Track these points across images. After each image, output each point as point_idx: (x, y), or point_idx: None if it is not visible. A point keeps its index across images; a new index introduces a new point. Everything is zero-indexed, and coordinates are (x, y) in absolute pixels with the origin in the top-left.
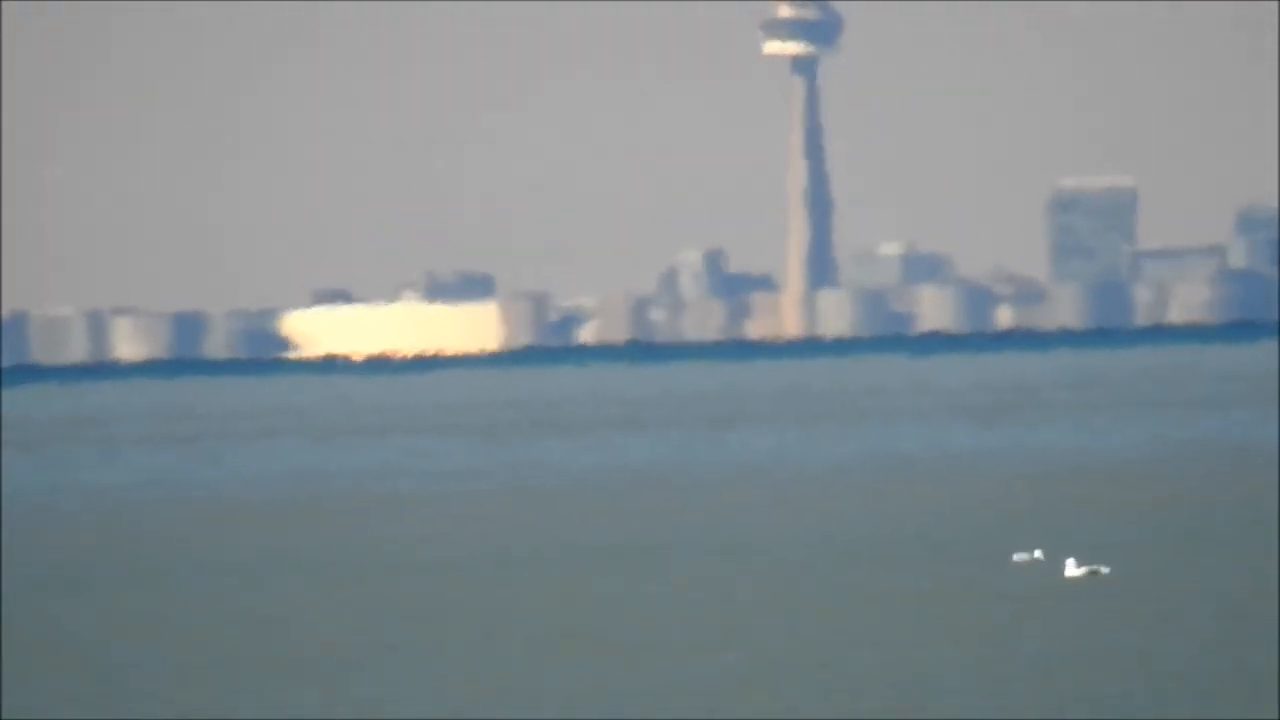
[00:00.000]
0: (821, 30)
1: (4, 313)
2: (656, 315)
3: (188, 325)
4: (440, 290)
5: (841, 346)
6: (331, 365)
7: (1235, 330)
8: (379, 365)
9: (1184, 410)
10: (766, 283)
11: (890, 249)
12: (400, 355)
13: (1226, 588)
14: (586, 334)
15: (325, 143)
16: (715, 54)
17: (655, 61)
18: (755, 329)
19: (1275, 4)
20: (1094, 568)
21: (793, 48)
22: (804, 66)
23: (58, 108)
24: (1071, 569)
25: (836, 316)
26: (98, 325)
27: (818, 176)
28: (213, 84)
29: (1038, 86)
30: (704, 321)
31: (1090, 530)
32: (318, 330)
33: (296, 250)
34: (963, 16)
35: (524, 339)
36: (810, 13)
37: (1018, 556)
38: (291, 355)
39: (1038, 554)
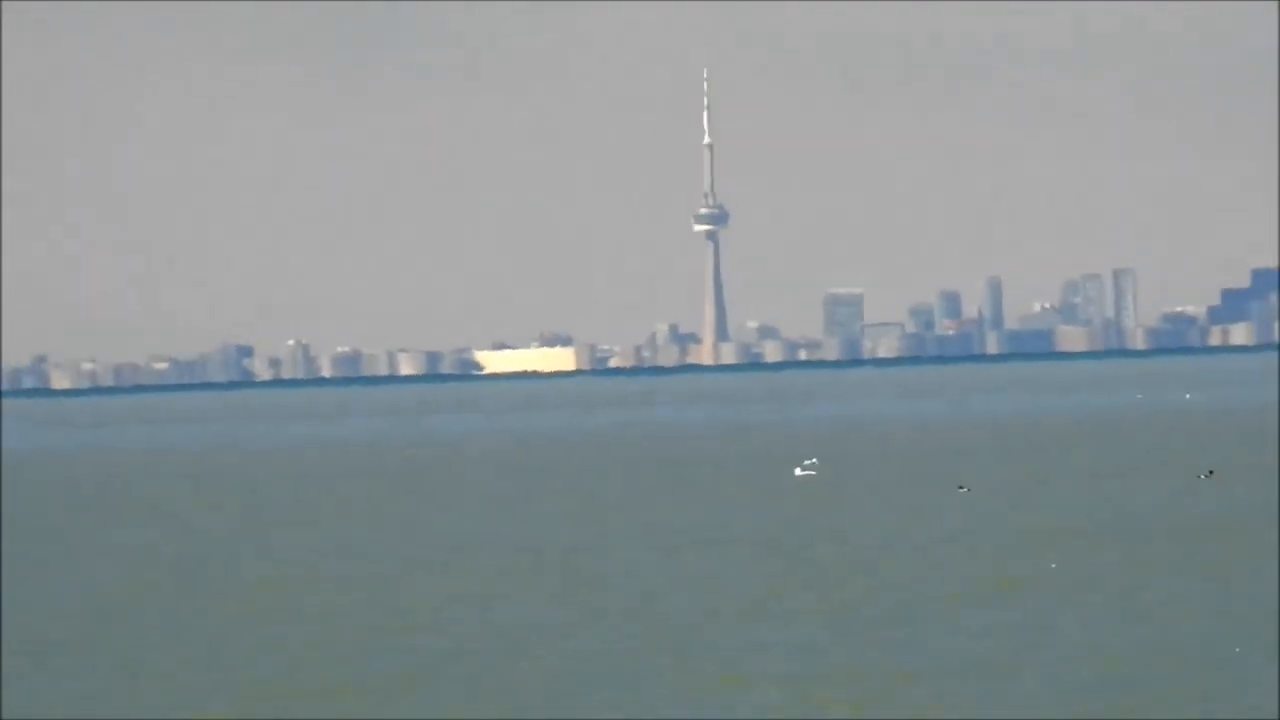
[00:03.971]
0: (720, 218)
1: (347, 350)
2: (646, 355)
3: (433, 357)
4: (548, 341)
5: (732, 369)
6: (498, 379)
7: (905, 362)
8: (521, 378)
9: (891, 397)
10: (695, 339)
11: (753, 324)
12: (532, 372)
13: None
14: (614, 363)
15: (502, 260)
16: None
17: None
18: (692, 360)
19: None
20: (809, 470)
21: (706, 227)
22: (712, 236)
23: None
24: (799, 471)
25: (728, 356)
26: (392, 358)
27: (719, 290)
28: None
29: (813, 242)
30: (668, 357)
31: (836, 458)
32: (493, 361)
33: (484, 318)
34: (787, 211)
35: (585, 366)
36: (714, 209)
37: (798, 471)
38: (479, 373)
39: (812, 471)
